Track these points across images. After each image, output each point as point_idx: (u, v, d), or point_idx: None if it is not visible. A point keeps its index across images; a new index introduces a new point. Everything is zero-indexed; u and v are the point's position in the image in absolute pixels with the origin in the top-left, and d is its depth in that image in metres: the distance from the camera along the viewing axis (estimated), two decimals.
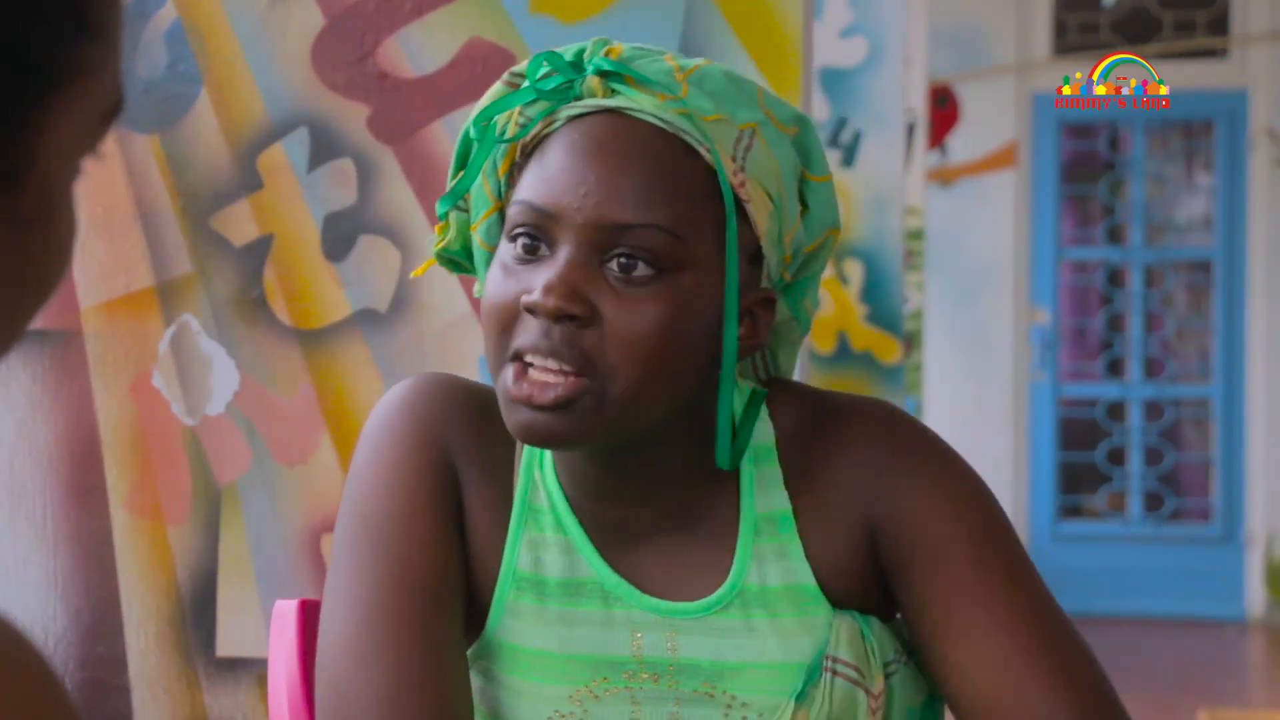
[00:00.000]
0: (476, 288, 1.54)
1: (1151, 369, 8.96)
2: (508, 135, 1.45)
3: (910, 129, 6.32)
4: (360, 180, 2.46)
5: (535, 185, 1.42)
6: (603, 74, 1.43)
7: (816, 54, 5.21)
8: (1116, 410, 8.95)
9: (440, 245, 1.54)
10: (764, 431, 1.50)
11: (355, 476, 1.49)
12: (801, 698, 1.45)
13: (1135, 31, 8.76)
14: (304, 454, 2.46)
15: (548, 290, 1.37)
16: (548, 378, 1.38)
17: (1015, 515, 8.75)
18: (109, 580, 2.45)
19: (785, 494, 1.48)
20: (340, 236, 2.46)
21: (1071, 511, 8.95)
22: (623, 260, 1.38)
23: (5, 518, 2.46)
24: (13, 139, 0.79)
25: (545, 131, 1.44)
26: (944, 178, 8.68)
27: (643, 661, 1.46)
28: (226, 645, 2.45)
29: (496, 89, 1.48)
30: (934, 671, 1.47)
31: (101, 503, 2.46)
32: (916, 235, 6.62)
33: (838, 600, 1.48)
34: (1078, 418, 8.96)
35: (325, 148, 2.46)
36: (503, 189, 1.47)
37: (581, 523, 1.49)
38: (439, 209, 1.51)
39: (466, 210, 1.51)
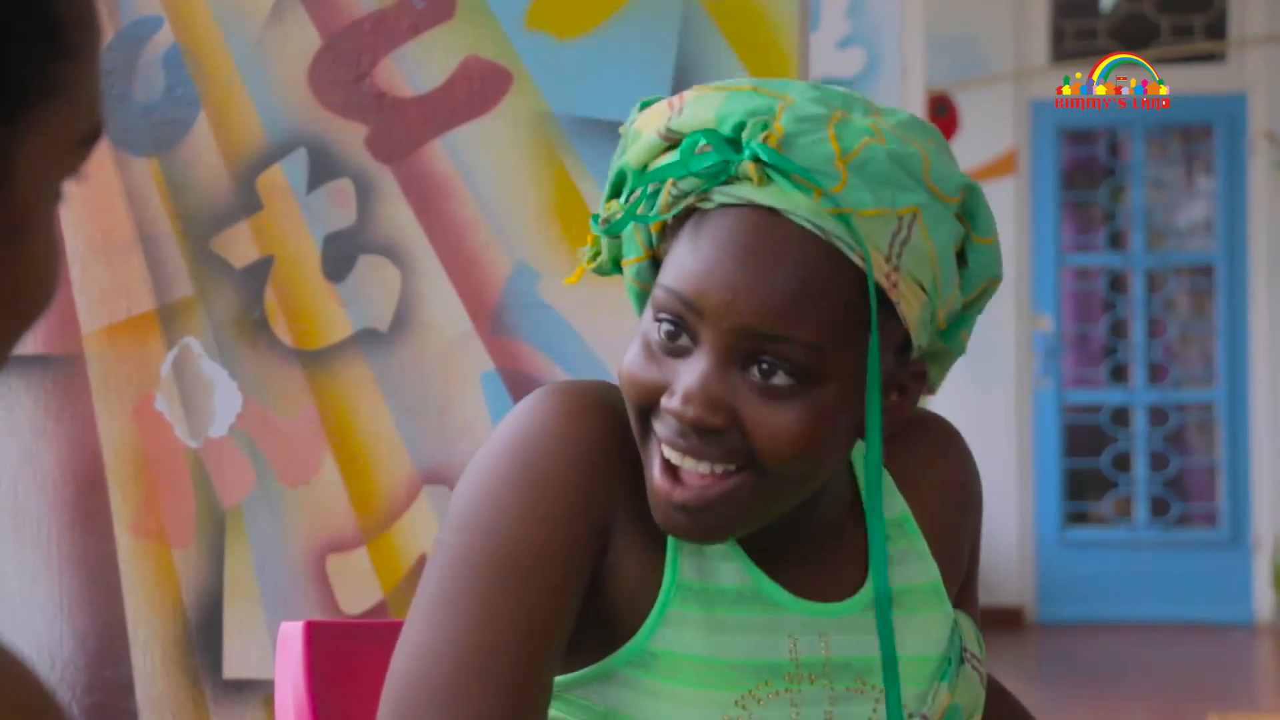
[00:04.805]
0: (631, 295, 1.52)
1: (1155, 374, 8.96)
2: (660, 205, 1.42)
3: None
4: (359, 200, 2.46)
5: (683, 274, 1.40)
6: (759, 160, 1.40)
7: (814, 66, 5.21)
8: (1121, 416, 8.95)
9: (594, 266, 1.51)
10: None
11: (486, 494, 1.44)
12: (946, 680, 1.51)
13: (1133, 37, 8.76)
14: (307, 474, 2.46)
15: (687, 399, 1.38)
16: (699, 483, 1.39)
17: (1021, 522, 8.76)
18: (114, 604, 2.45)
19: (901, 499, 1.55)
20: (340, 256, 2.47)
21: (1078, 518, 8.95)
22: (764, 367, 1.38)
23: (10, 543, 2.46)
24: None
25: (698, 205, 1.42)
26: None
27: (800, 664, 1.48)
28: (233, 667, 2.45)
29: (651, 141, 1.45)
30: None
31: (106, 527, 2.46)
32: None
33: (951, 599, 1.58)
34: (1082, 424, 8.96)
35: (324, 168, 2.46)
36: (654, 241, 1.46)
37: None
38: (593, 226, 1.48)
39: (617, 238, 1.49)
